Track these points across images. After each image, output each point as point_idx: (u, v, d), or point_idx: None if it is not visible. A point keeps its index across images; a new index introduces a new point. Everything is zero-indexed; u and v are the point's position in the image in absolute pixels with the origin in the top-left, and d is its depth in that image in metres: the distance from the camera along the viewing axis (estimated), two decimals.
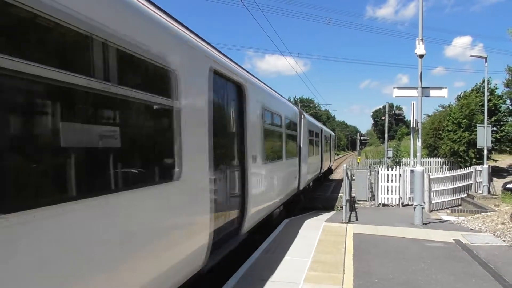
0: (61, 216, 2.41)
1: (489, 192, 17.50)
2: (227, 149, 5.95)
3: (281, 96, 10.67)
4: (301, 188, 13.01)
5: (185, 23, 4.28)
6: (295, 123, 12.10)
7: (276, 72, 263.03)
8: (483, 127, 18.43)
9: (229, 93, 5.95)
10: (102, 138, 2.87)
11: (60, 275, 2.41)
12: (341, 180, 15.71)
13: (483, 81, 32.62)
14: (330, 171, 30.95)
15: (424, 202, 12.12)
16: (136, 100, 3.25)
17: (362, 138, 61.26)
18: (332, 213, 13.11)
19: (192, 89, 4.28)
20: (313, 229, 9.60)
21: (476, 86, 33.40)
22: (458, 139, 27.00)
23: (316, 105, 79.76)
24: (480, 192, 17.70)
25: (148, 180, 3.47)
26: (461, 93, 34.13)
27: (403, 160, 30.71)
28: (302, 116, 13.60)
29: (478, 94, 29.54)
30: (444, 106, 38.66)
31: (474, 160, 25.83)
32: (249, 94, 6.59)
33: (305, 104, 77.86)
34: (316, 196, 17.45)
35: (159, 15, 3.72)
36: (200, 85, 4.55)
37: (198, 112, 4.44)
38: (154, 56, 3.43)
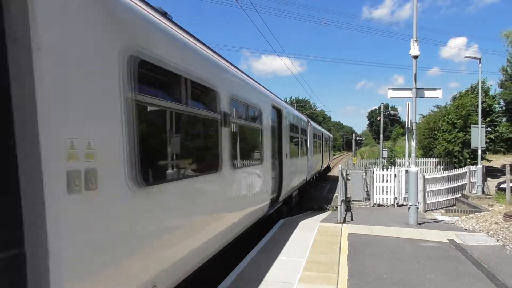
0: (261, 165, 7.84)
1: (483, 192, 17.58)
2: (275, 148, 9.43)
3: (298, 111, 15.92)
4: (308, 179, 16.04)
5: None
6: (305, 130, 15.29)
7: (272, 72, 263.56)
8: (477, 127, 18.54)
9: (275, 115, 9.69)
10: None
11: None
12: (337, 181, 15.78)
13: (483, 82, 32.95)
14: (328, 168, 33.96)
15: (418, 202, 12.19)
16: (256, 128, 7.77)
17: (357, 138, 61.22)
18: (327, 213, 13.15)
19: (267, 117, 8.39)
20: (308, 230, 9.64)
21: (471, 86, 33.58)
22: (453, 140, 27.15)
23: (312, 106, 79.92)
24: (474, 192, 17.79)
25: (256, 162, 7.59)
26: (456, 94, 34.31)
27: (398, 160, 30.82)
28: (309, 124, 16.73)
29: (474, 95, 29.75)
30: (439, 106, 38.86)
31: (469, 160, 25.97)
32: (284, 114, 10.37)
33: (301, 105, 77.86)
34: (312, 196, 17.49)
35: (260, 86, 8.53)
36: (269, 115, 8.62)
37: (268, 129, 8.39)
38: (258, 106, 7.74)
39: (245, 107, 6.76)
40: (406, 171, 11.78)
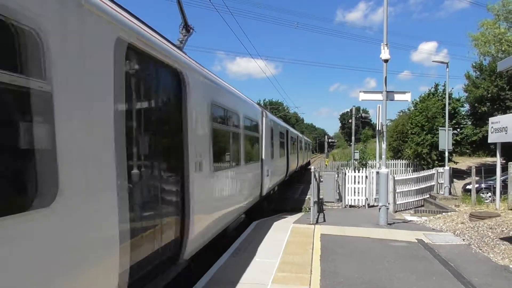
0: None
1: (450, 193, 18.10)
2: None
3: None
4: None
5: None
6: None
7: (247, 74, 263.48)
8: (444, 130, 19.10)
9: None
10: None
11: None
12: (310, 182, 15.95)
13: (436, 86, 34.11)
14: (308, 163, 40.02)
15: (389, 203, 12.46)
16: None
17: (330, 140, 62.40)
18: (300, 214, 13.26)
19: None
20: (282, 231, 9.67)
21: (429, 90, 34.74)
22: (422, 142, 27.93)
23: (286, 108, 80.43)
24: (442, 193, 18.29)
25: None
26: (418, 98, 35.17)
27: (370, 162, 31.43)
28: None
29: (438, 98, 30.77)
30: (403, 111, 40.05)
31: (437, 162, 26.73)
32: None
33: (274, 107, 78.27)
34: (285, 198, 17.60)
35: None
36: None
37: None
38: None
39: None
40: (377, 172, 12.00)
